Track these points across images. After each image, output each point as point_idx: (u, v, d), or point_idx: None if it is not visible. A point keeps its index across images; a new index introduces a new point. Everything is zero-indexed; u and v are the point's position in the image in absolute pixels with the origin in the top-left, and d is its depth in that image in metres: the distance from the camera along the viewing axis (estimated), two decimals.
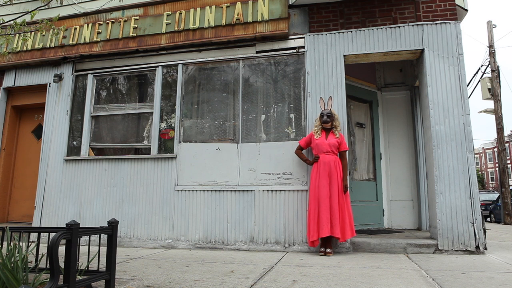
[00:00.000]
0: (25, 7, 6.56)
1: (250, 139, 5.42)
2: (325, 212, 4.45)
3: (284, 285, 2.93)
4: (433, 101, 4.84)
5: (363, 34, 5.20)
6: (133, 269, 3.62)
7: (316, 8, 5.47)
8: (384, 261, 4.04)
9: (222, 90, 5.76)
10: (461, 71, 4.84)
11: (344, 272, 3.44)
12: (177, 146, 5.65)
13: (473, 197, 4.56)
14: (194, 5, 5.92)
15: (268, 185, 5.19)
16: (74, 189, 5.99)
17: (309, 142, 4.90)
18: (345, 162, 4.75)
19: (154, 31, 6.01)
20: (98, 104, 6.33)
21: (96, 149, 6.22)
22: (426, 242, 4.62)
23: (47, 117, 6.43)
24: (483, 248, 4.46)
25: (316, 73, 5.26)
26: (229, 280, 3.12)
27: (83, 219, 5.79)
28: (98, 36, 6.30)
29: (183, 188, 5.47)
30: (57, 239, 2.13)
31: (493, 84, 14.69)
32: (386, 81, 7.09)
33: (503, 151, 15.09)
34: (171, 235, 5.39)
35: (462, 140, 4.70)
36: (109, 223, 2.81)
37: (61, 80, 6.48)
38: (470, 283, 2.99)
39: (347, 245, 4.70)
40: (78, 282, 2.33)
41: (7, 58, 6.75)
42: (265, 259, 4.24)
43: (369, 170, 6.63)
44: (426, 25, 5.03)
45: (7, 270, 2.36)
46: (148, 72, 6.14)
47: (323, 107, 5.01)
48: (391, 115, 6.89)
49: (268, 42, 5.57)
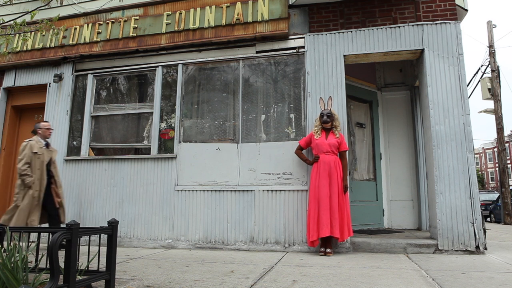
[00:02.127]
0: (25, 7, 6.55)
1: (250, 139, 5.42)
2: (325, 212, 4.45)
3: (284, 285, 2.93)
4: (433, 101, 4.84)
5: (363, 34, 5.20)
6: (133, 269, 3.62)
7: (316, 8, 5.47)
8: (384, 261, 4.04)
9: (222, 90, 5.76)
10: (461, 71, 4.84)
11: (344, 272, 3.44)
12: (177, 146, 5.65)
13: (473, 197, 4.56)
14: (194, 5, 5.92)
15: (268, 185, 5.19)
16: (74, 189, 5.99)
17: (309, 142, 4.90)
18: (345, 162, 4.75)
19: (154, 31, 6.01)
20: (98, 104, 6.33)
21: (96, 149, 6.22)
22: (426, 242, 4.62)
23: (47, 117, 6.43)
24: (483, 248, 4.46)
25: (316, 73, 5.26)
26: (229, 280, 3.12)
27: (83, 219, 5.79)
28: (98, 36, 6.30)
29: (183, 188, 5.47)
30: (57, 239, 2.13)
31: (493, 84, 14.69)
32: (386, 81, 7.09)
33: (503, 151, 15.09)
34: (171, 235, 5.39)
35: (462, 140, 4.70)
36: (109, 223, 2.81)
37: (61, 80, 6.48)
38: (470, 283, 2.99)
39: (347, 245, 4.70)
40: (78, 282, 2.33)
41: (7, 58, 6.75)
42: (265, 259, 4.24)
43: (369, 170, 6.63)
44: (426, 25, 5.03)
45: (7, 270, 2.35)
46: (148, 72, 6.14)
47: (323, 107, 5.01)
48: (391, 115, 6.89)
49: (268, 42, 5.57)
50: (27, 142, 5.08)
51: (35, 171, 4.98)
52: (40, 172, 5.01)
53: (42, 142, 5.18)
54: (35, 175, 4.96)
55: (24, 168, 4.91)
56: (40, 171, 5.02)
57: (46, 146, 5.21)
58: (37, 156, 5.03)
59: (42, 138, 5.21)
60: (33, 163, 5.00)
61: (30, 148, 5.02)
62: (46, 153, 5.14)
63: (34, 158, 5.01)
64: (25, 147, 5.04)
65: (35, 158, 5.01)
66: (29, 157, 4.99)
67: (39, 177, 4.99)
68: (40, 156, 5.05)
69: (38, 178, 4.98)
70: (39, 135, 5.22)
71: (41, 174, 5.02)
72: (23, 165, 4.92)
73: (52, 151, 5.30)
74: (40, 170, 5.02)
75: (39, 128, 5.25)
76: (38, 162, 5.02)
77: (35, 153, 5.02)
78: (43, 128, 5.25)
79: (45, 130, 5.25)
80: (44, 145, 5.17)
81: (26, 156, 4.97)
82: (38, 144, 5.10)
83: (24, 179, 4.90)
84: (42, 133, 5.22)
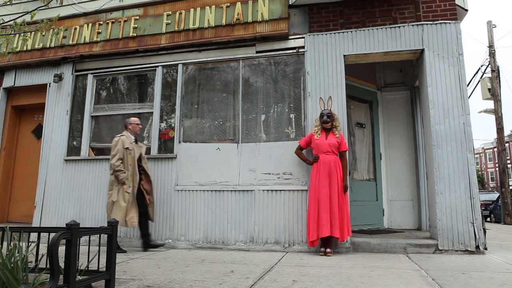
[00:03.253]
0: (25, 7, 6.55)
1: (250, 139, 5.42)
2: (325, 212, 4.45)
3: (284, 285, 2.93)
4: (433, 101, 4.84)
5: (363, 34, 5.20)
6: (133, 269, 3.62)
7: (316, 8, 5.47)
8: (384, 261, 4.04)
9: (222, 90, 5.76)
10: (461, 71, 4.84)
11: (344, 272, 3.44)
12: (177, 146, 5.65)
13: (473, 197, 4.56)
14: (194, 5, 5.92)
15: (268, 185, 5.19)
16: (74, 189, 5.99)
17: (309, 142, 4.90)
18: (345, 162, 4.75)
19: (154, 31, 6.01)
20: (98, 104, 6.33)
21: (96, 149, 6.21)
22: (426, 242, 4.62)
23: (47, 117, 6.43)
24: (483, 248, 4.46)
25: (316, 73, 5.26)
26: (229, 280, 3.12)
27: (83, 219, 5.79)
28: (98, 36, 6.30)
29: (183, 188, 5.47)
30: (57, 239, 2.13)
31: (493, 84, 14.69)
32: (386, 81, 7.09)
33: (503, 151, 15.09)
34: (171, 235, 5.39)
35: (462, 140, 4.70)
36: (109, 223, 2.81)
37: (61, 80, 6.48)
38: (470, 283, 2.99)
39: (347, 245, 4.70)
40: (78, 282, 2.33)
41: (7, 58, 6.75)
42: (265, 259, 4.24)
43: (369, 170, 6.63)
44: (426, 25, 5.03)
45: (7, 270, 2.35)
46: (148, 72, 6.14)
47: (323, 107, 5.01)
48: (391, 115, 6.89)
49: (268, 42, 5.57)
50: (119, 138, 4.98)
51: (127, 167, 4.88)
52: (132, 168, 4.91)
53: (132, 138, 5.09)
54: (127, 171, 4.86)
55: (117, 164, 4.81)
56: (132, 167, 4.92)
57: (135, 141, 5.12)
58: (128, 151, 4.93)
59: (131, 134, 5.11)
60: (125, 159, 4.89)
61: (122, 143, 4.91)
62: (136, 149, 5.04)
63: (126, 153, 4.91)
64: (117, 142, 4.92)
65: (126, 154, 4.91)
66: (122, 153, 4.88)
67: (131, 173, 4.90)
68: (131, 151, 4.95)
69: (130, 174, 4.88)
70: (129, 131, 5.11)
71: (133, 170, 4.93)
72: (116, 161, 4.82)
73: (141, 147, 5.19)
74: (132, 166, 4.92)
75: (129, 123, 5.15)
76: (130, 158, 4.92)
77: (127, 148, 4.92)
78: (133, 123, 5.16)
79: (135, 126, 5.16)
80: (133, 141, 5.08)
81: (120, 151, 4.87)
82: (129, 140, 5.01)
83: (118, 175, 4.79)
84: (132, 129, 5.13)
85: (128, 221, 4.76)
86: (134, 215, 4.80)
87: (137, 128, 5.21)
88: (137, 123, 5.22)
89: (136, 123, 5.20)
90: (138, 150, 5.09)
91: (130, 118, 5.29)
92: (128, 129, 5.14)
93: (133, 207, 4.84)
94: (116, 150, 4.88)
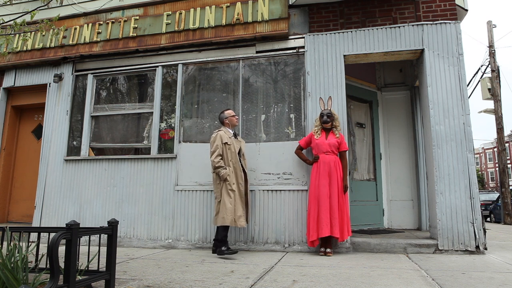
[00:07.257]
0: (25, 7, 6.55)
1: (250, 139, 5.42)
2: (325, 212, 4.45)
3: (284, 285, 2.93)
4: (433, 101, 4.84)
5: (363, 34, 5.20)
6: (133, 269, 3.62)
7: (316, 8, 5.47)
8: (384, 261, 4.04)
9: (222, 90, 5.76)
10: (461, 71, 4.84)
11: (344, 272, 3.44)
12: (177, 146, 5.65)
13: (473, 197, 4.56)
14: (194, 5, 5.92)
15: (268, 185, 5.19)
16: (74, 189, 5.99)
17: (309, 142, 4.90)
18: (345, 162, 4.75)
19: (154, 31, 6.01)
20: (98, 104, 6.33)
21: (96, 149, 6.21)
22: (426, 242, 4.62)
23: (47, 117, 6.43)
24: (483, 248, 4.46)
25: (316, 73, 5.26)
26: (229, 280, 3.12)
27: (83, 219, 5.79)
28: (98, 36, 6.30)
29: (183, 188, 5.47)
30: (57, 239, 2.13)
31: (493, 84, 14.69)
32: (386, 81, 7.09)
33: (503, 151, 15.09)
34: (171, 235, 5.39)
35: (462, 140, 4.70)
36: (109, 223, 2.81)
37: (61, 80, 6.48)
38: (470, 283, 2.99)
39: (347, 245, 4.70)
40: (78, 282, 2.33)
41: (7, 58, 6.75)
42: (265, 259, 4.24)
43: (369, 170, 6.63)
44: (426, 25, 5.03)
45: (7, 270, 2.35)
46: (148, 72, 6.14)
47: (323, 107, 5.01)
48: (391, 115, 6.89)
49: (268, 42, 5.57)
50: (217, 133, 4.71)
51: (228, 162, 4.60)
52: (233, 163, 4.62)
53: (230, 132, 4.80)
54: (229, 168, 4.58)
55: (217, 161, 4.53)
56: (233, 163, 4.63)
57: (234, 136, 4.84)
58: (227, 146, 4.64)
59: (229, 128, 4.84)
60: (225, 154, 4.61)
61: (220, 138, 4.63)
62: (235, 143, 4.74)
63: (225, 149, 4.63)
64: (215, 138, 4.66)
65: (226, 149, 4.63)
66: (222, 149, 4.60)
67: (233, 169, 4.61)
68: (231, 146, 4.65)
69: (232, 171, 4.59)
70: (226, 125, 4.83)
71: (236, 165, 4.64)
72: (215, 157, 4.55)
73: (240, 141, 4.90)
74: (233, 162, 4.62)
75: (225, 118, 4.83)
76: (230, 153, 4.63)
77: (226, 143, 4.64)
78: (228, 116, 4.83)
79: (231, 118, 4.84)
80: (232, 135, 4.79)
81: (219, 147, 4.59)
82: (227, 134, 4.72)
83: (219, 171, 4.52)
84: (229, 122, 4.82)
85: (236, 220, 4.47)
86: (241, 215, 4.52)
87: (235, 120, 4.88)
88: (232, 115, 4.87)
89: (232, 116, 4.86)
90: (237, 145, 4.77)
91: (224, 112, 4.89)
92: (226, 124, 4.83)
93: (240, 205, 4.56)
94: (214, 146, 4.60)
